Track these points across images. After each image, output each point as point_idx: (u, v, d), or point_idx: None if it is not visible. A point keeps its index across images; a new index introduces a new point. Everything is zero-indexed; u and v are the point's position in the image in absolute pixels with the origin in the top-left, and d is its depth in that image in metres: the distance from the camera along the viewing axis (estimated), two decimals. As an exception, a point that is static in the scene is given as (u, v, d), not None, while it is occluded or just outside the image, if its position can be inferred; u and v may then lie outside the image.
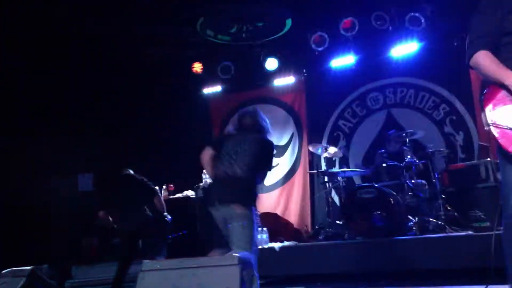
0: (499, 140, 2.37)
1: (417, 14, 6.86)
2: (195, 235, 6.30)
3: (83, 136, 7.87)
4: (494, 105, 2.42)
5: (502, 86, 2.39)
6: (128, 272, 5.04)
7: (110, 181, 5.91)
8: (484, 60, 2.45)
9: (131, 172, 5.53)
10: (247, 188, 3.82)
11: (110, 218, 5.29)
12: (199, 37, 7.32)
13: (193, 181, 7.17)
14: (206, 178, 6.69)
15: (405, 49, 7.25)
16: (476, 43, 2.49)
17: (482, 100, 2.47)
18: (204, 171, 6.68)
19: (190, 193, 7.18)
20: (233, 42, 7.48)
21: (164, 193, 7.07)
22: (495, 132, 2.37)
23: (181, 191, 7.27)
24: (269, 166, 4.05)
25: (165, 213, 5.40)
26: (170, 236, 5.60)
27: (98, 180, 8.08)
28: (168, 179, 7.38)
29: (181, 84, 8.32)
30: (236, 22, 7.17)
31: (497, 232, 2.57)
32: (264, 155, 3.96)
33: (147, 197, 5.33)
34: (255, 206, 3.87)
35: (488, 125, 2.40)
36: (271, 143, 4.05)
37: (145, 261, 2.77)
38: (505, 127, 2.36)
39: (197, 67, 7.98)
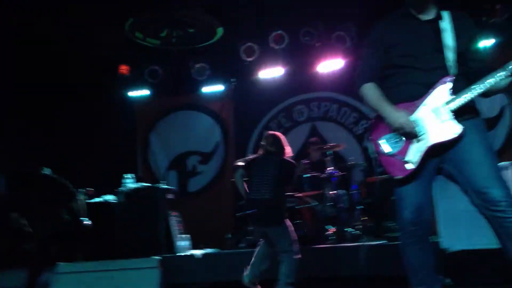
0: (385, 168, 2.61)
1: (342, 33, 7.20)
2: (113, 240, 6.09)
3: (-4, 134, 7.38)
4: (378, 135, 2.67)
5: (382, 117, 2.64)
6: (40, 279, 4.77)
7: (24, 182, 5.58)
8: (368, 92, 2.71)
9: (48, 172, 5.25)
10: (276, 207, 4.33)
11: (24, 221, 4.99)
12: (127, 38, 7.15)
13: (114, 185, 6.94)
14: (127, 183, 6.50)
15: (330, 65, 7.56)
16: (363, 76, 2.75)
17: (368, 131, 2.77)
18: (125, 175, 6.50)
19: (110, 197, 6.93)
20: (163, 46, 7.38)
21: (83, 196, 6.78)
22: (381, 160, 2.62)
23: (100, 195, 7.01)
24: (292, 182, 4.64)
25: (84, 217, 5.19)
26: None
27: (10, 181, 7.59)
28: (89, 183, 7.09)
29: (106, 85, 8.07)
30: (166, 26, 7.10)
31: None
32: (286, 176, 4.44)
33: (64, 199, 5.09)
34: (286, 217, 4.39)
35: (374, 153, 2.66)
36: (291, 163, 4.52)
37: (61, 263, 2.66)
38: (388, 154, 2.59)
39: (124, 69, 7.79)
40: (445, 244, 4.21)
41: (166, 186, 6.25)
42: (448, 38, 2.57)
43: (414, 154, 2.52)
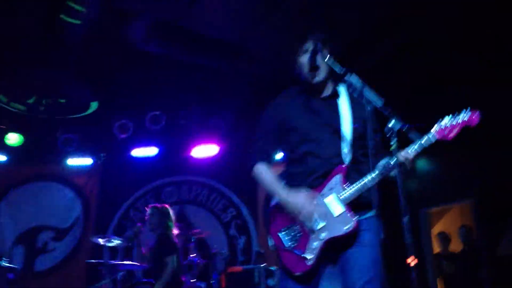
0: (284, 263, 2.44)
1: (219, 120, 7.40)
2: None
3: None
4: (276, 227, 2.50)
5: (279, 204, 2.49)
6: None
7: None
8: (261, 174, 2.59)
9: None
10: None
11: None
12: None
13: None
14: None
15: (205, 150, 7.65)
16: (255, 156, 2.64)
17: (267, 224, 2.55)
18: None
19: None
20: (29, 113, 6.95)
21: None
22: (279, 254, 2.46)
23: None
24: None
25: None
26: None
27: None
28: None
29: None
30: (35, 93, 6.74)
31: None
32: None
33: None
34: None
35: (273, 247, 2.49)
36: None
37: None
38: (286, 249, 2.44)
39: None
40: None
41: (7, 264, 5.60)
42: (344, 121, 2.50)
43: (312, 249, 2.38)
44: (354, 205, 2.41)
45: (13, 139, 7.32)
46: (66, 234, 7.60)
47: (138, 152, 7.72)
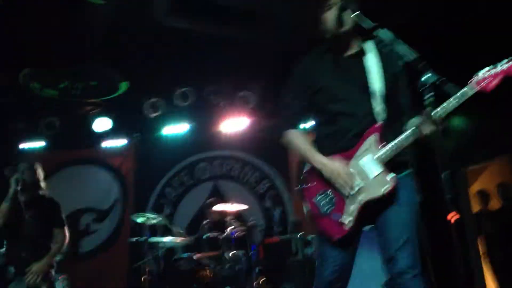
0: (322, 229, 2.42)
1: (247, 94, 7.37)
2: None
3: None
4: (311, 193, 2.47)
5: (316, 169, 2.44)
6: None
7: None
8: (293, 141, 2.55)
9: None
10: None
11: None
12: (22, 88, 6.79)
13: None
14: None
15: (234, 124, 7.65)
16: (286, 123, 2.60)
17: (301, 191, 2.51)
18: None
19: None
20: (61, 97, 7.09)
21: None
22: (316, 220, 2.43)
23: None
24: None
25: None
26: None
27: None
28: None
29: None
30: (67, 78, 6.86)
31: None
32: None
33: None
34: None
35: (309, 213, 2.46)
36: None
37: None
38: (324, 214, 2.41)
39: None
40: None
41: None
42: (374, 78, 2.42)
43: (349, 213, 2.35)
44: (390, 165, 2.36)
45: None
46: (107, 215, 7.82)
47: (169, 130, 7.78)
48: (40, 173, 4.52)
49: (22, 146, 7.90)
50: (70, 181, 7.97)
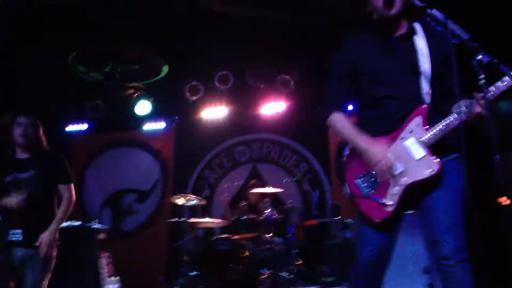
0: (362, 211, 2.40)
1: (287, 77, 7.35)
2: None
3: None
4: (353, 174, 2.45)
5: (356, 150, 2.44)
6: None
7: None
8: (337, 123, 2.53)
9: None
10: None
11: None
12: (68, 71, 6.98)
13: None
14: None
15: (273, 107, 7.65)
16: (330, 105, 2.57)
17: (341, 171, 2.50)
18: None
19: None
20: (105, 81, 7.26)
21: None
22: (357, 202, 2.41)
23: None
24: None
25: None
26: None
27: None
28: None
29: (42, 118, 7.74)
30: (111, 61, 7.01)
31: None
32: None
33: None
34: None
35: (349, 195, 2.44)
36: None
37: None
38: (364, 196, 2.39)
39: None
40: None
41: (97, 226, 5.99)
42: (422, 59, 2.37)
43: (392, 195, 2.33)
44: (436, 147, 2.31)
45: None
46: (148, 196, 8.02)
47: (208, 113, 7.86)
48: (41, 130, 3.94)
49: (68, 128, 8.14)
50: (113, 162, 8.22)
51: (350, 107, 2.75)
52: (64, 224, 5.83)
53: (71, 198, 3.84)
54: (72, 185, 3.90)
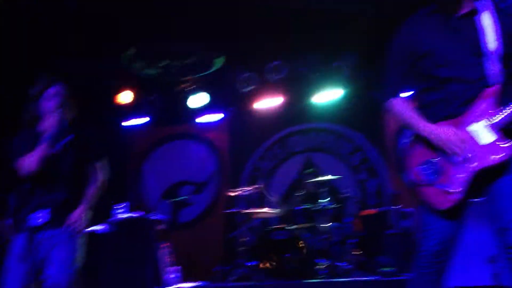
0: (426, 198, 2.32)
1: (341, 64, 7.20)
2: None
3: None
4: (415, 162, 2.37)
5: (419, 137, 2.36)
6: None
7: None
8: (396, 108, 2.46)
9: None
10: None
11: None
12: (124, 68, 7.17)
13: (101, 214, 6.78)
14: (118, 213, 6.38)
15: (328, 95, 7.52)
16: (389, 91, 2.50)
17: (401, 158, 2.43)
18: (116, 205, 6.39)
19: (97, 228, 6.78)
20: (161, 76, 7.41)
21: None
22: (419, 190, 2.34)
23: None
24: None
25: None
26: None
27: None
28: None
29: (101, 114, 8.01)
30: (166, 57, 7.15)
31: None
32: None
33: None
34: None
35: (411, 183, 2.37)
36: None
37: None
38: (428, 184, 2.31)
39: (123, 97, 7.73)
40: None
41: (157, 217, 6.15)
42: (489, 38, 2.23)
43: (458, 183, 2.22)
44: (506, 131, 2.18)
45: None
46: (204, 187, 8.14)
47: (262, 103, 7.85)
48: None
49: (126, 123, 8.38)
50: (170, 155, 8.41)
51: (410, 92, 2.63)
52: (125, 215, 6.07)
53: (103, 177, 3.44)
54: (105, 164, 3.49)
